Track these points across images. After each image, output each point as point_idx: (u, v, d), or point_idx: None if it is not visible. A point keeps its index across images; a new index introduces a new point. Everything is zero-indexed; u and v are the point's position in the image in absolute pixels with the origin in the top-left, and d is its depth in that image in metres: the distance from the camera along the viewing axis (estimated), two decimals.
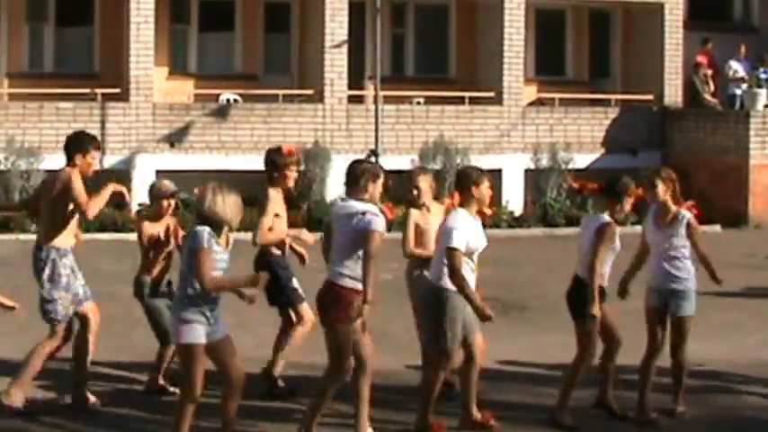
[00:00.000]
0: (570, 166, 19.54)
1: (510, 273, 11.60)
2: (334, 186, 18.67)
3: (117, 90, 18.61)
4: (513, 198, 19.64)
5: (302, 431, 7.04)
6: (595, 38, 22.39)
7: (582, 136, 20.47)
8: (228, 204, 6.58)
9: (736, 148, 19.75)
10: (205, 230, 6.51)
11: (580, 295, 7.55)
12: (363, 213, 6.91)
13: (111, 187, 8.02)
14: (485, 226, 7.46)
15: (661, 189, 7.92)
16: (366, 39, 20.54)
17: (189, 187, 18.32)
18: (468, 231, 7.17)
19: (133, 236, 8.59)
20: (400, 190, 9.05)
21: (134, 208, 17.39)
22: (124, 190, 8.09)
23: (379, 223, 6.89)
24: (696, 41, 21.62)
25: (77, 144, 8.06)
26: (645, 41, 21.62)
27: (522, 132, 20.20)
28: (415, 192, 8.10)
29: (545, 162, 19.60)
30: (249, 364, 8.85)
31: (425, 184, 8.14)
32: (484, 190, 7.31)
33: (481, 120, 20.01)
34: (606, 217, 7.68)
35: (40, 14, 19.67)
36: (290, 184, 8.34)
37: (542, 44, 21.86)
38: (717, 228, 18.45)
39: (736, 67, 21.75)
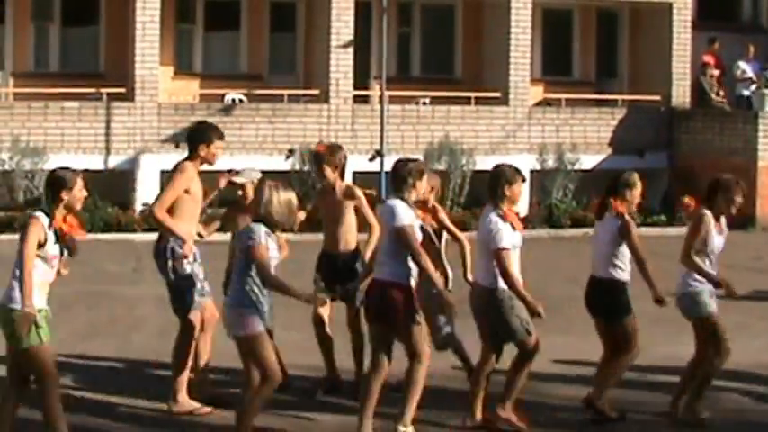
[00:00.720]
0: (576, 167, 19.54)
1: None
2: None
3: (122, 90, 18.63)
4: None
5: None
6: (602, 38, 22.36)
7: (588, 137, 20.45)
8: (282, 204, 6.79)
9: (744, 150, 19.71)
10: (262, 228, 6.71)
11: (603, 295, 7.69)
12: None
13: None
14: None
15: None
16: (372, 39, 20.54)
17: None
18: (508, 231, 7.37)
19: (136, 236, 8.58)
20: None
21: (138, 208, 17.44)
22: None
23: (403, 217, 7.01)
24: (704, 42, 21.58)
25: (200, 136, 8.17)
26: (652, 41, 21.59)
27: (528, 133, 20.18)
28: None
29: (551, 163, 19.59)
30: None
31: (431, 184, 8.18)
32: (516, 189, 7.46)
33: (487, 120, 20.00)
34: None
35: (46, 14, 19.70)
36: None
37: (549, 44, 21.83)
38: None
39: (745, 68, 21.71)
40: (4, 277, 6.45)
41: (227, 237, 8.45)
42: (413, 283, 7.12)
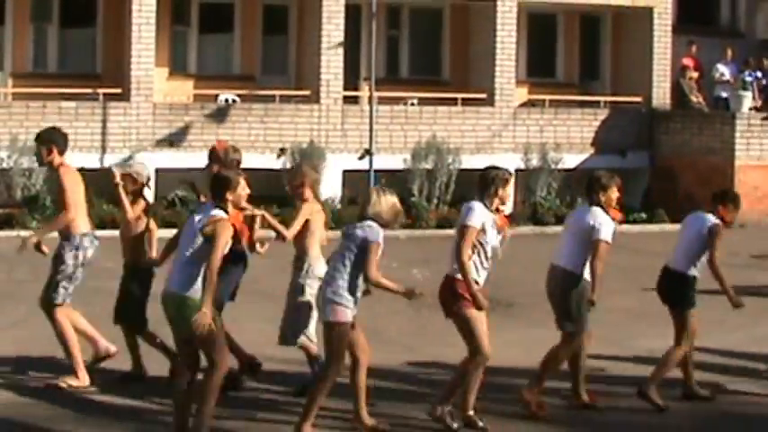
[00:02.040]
0: (560, 167, 19.56)
1: (499, 270, 11.54)
2: (328, 185, 18.66)
3: (118, 90, 18.58)
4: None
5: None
6: (586, 41, 22.37)
7: (571, 137, 20.47)
8: (387, 205, 7.04)
9: (721, 150, 19.75)
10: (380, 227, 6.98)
11: (676, 286, 8.13)
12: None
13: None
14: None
15: None
16: (361, 41, 20.52)
17: (186, 186, 18.39)
18: None
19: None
20: (395, 189, 9.06)
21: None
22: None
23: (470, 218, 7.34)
24: (684, 45, 21.63)
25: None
26: (634, 45, 21.62)
27: (513, 133, 20.19)
28: None
29: (535, 162, 19.60)
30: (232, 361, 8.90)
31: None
32: (612, 194, 7.90)
33: (473, 120, 19.99)
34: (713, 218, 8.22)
35: (45, 16, 19.62)
36: None
37: (534, 47, 21.84)
38: None
39: (723, 70, 21.75)
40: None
41: None
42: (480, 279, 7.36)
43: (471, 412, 7.38)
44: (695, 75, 21.40)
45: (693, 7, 22.96)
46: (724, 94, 21.30)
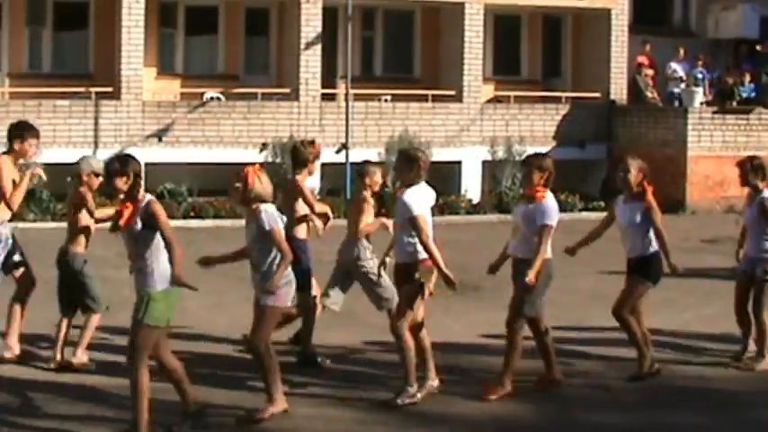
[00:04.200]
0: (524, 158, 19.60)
1: (466, 255, 11.64)
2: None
3: (109, 89, 18.49)
4: (471, 187, 19.70)
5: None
6: (548, 41, 22.43)
7: (535, 130, 20.53)
8: (266, 183, 7.01)
9: (675, 142, 19.88)
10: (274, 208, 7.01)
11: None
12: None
13: (27, 177, 8.18)
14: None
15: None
16: (338, 41, 20.49)
17: (175, 179, 18.37)
18: None
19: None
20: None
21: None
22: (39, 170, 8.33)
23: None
24: (639, 44, 21.72)
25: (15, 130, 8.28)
26: (593, 44, 21.70)
27: (480, 127, 20.23)
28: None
29: (501, 154, 19.65)
30: (224, 345, 8.92)
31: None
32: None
33: (443, 116, 20.02)
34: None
35: (39, 19, 19.49)
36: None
37: (499, 46, 21.87)
38: None
39: (676, 68, 21.87)
40: None
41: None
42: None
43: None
44: (650, 72, 21.50)
45: (648, 9, 23.06)
46: (677, 90, 21.42)
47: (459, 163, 19.74)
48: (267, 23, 20.64)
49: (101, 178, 7.73)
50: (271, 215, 6.87)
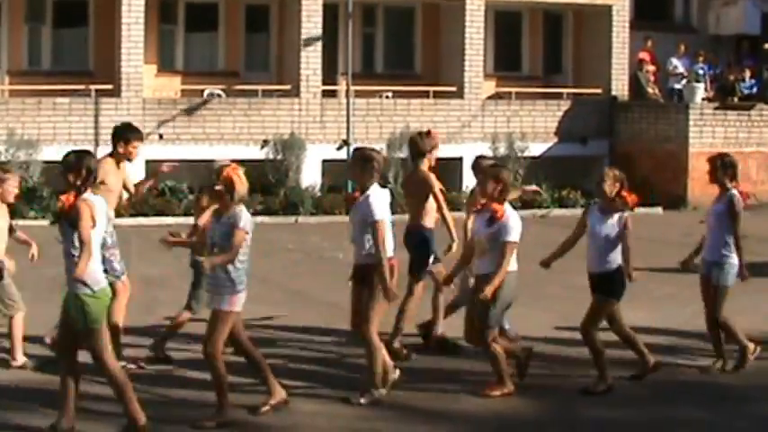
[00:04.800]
0: (525, 154, 19.63)
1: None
2: (308, 174, 18.69)
3: (110, 86, 18.49)
4: (474, 184, 19.66)
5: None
6: (549, 37, 22.43)
7: (536, 126, 20.54)
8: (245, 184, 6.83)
9: (676, 138, 19.88)
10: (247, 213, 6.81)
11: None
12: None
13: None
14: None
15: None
16: (339, 38, 20.49)
17: (176, 176, 18.39)
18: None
19: (122, 221, 8.51)
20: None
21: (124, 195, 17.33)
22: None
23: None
24: (640, 40, 21.74)
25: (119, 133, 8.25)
26: (594, 40, 21.70)
27: (482, 123, 20.25)
28: None
29: (502, 150, 19.65)
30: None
31: None
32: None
33: (444, 112, 20.03)
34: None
35: (39, 16, 19.49)
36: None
37: (500, 43, 21.87)
38: (659, 210, 18.65)
39: (677, 64, 21.88)
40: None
41: None
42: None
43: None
44: (652, 68, 21.51)
45: (649, 4, 23.06)
46: (678, 86, 21.43)
47: (461, 159, 19.73)
48: (267, 20, 20.65)
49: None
50: (248, 217, 6.77)
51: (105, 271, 6.70)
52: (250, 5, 20.59)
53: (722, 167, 8.31)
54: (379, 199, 7.28)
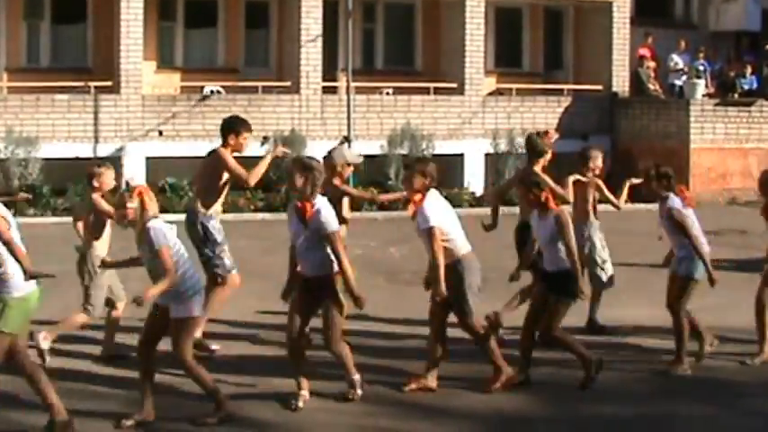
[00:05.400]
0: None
1: (471, 247, 11.60)
2: None
3: (109, 83, 18.50)
4: (474, 180, 19.74)
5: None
6: (549, 33, 22.45)
7: (537, 123, 20.50)
8: None
9: (677, 134, 19.90)
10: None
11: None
12: None
13: (271, 155, 8.41)
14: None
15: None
16: (339, 34, 20.50)
17: (176, 173, 18.41)
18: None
19: None
20: (372, 174, 9.19)
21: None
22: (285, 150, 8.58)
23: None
24: (641, 36, 21.75)
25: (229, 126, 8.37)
26: (595, 36, 21.72)
27: (482, 120, 20.26)
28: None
29: (503, 147, 19.68)
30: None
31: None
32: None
33: (445, 108, 20.05)
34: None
35: (37, 13, 19.50)
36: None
37: (501, 39, 21.90)
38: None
39: (677, 60, 21.90)
40: None
41: None
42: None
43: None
44: (652, 64, 21.53)
45: (650, 1, 23.08)
46: (678, 82, 21.44)
47: (462, 156, 19.77)
48: (267, 16, 20.66)
49: (352, 167, 7.96)
50: (159, 231, 6.64)
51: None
52: (249, 1, 20.60)
53: (657, 178, 8.30)
54: (329, 210, 7.11)
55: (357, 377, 7.29)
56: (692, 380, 8.09)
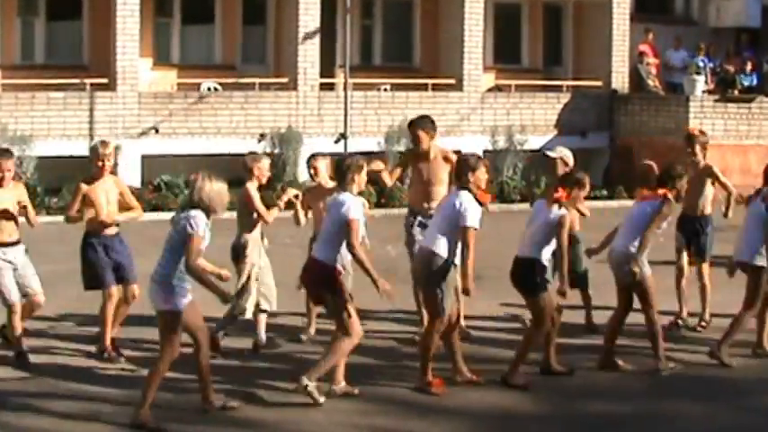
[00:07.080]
0: (525, 148, 19.65)
1: None
2: (306, 168, 18.66)
3: (105, 80, 18.48)
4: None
5: None
6: (549, 29, 22.45)
7: (536, 119, 20.57)
8: (213, 192, 6.63)
9: (677, 130, 19.83)
10: (203, 218, 6.61)
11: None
12: None
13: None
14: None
15: None
16: (337, 30, 20.50)
17: (172, 170, 18.39)
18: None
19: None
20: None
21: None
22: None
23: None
24: (641, 33, 21.76)
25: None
26: (594, 33, 21.71)
27: (481, 116, 20.27)
28: (312, 171, 9.00)
29: (502, 143, 19.69)
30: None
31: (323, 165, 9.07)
32: (480, 175, 7.64)
33: (443, 105, 20.05)
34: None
35: (32, 9, 19.48)
36: None
37: (500, 35, 21.89)
38: None
39: (670, 56, 21.94)
40: None
41: None
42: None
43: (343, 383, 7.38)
44: (653, 61, 21.54)
45: None
46: (678, 79, 21.45)
47: (460, 153, 19.73)
48: (264, 12, 20.65)
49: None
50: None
51: None
52: None
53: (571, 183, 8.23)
54: (356, 201, 7.32)
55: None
56: (692, 377, 8.11)
